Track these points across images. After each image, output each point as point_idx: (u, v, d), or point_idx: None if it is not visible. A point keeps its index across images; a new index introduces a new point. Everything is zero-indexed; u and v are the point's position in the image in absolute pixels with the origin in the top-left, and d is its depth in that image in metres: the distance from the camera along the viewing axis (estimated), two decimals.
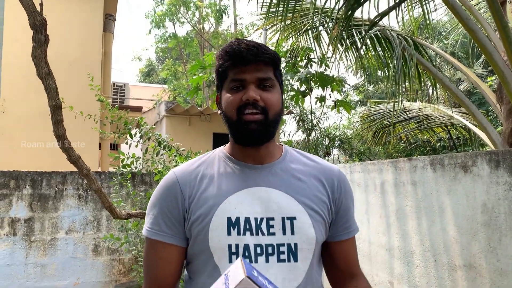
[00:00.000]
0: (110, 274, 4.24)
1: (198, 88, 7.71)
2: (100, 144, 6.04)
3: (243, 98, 1.01)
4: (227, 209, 1.00)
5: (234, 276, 0.73)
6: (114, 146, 8.99)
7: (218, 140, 6.60)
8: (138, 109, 8.78)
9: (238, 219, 0.99)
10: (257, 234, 0.98)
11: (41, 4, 2.07)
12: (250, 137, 1.03)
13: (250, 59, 1.02)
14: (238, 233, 0.98)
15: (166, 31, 13.94)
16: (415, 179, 2.73)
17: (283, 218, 1.01)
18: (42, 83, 2.14)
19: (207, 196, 1.03)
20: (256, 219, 1.00)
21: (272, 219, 1.00)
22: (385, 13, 4.00)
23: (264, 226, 1.00)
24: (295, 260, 0.99)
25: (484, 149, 7.87)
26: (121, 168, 3.46)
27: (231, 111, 1.03)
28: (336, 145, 9.37)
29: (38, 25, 2.05)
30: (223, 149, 1.15)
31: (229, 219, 0.99)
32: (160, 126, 6.32)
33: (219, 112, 1.12)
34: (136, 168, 3.49)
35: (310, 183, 1.08)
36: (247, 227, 0.99)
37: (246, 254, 0.96)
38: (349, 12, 3.95)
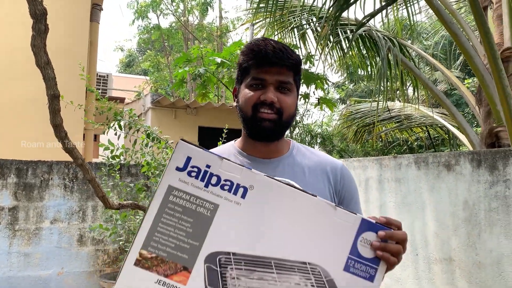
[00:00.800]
0: (95, 264, 4.25)
1: (183, 81, 7.72)
2: (84, 134, 6.00)
3: (261, 97, 1.08)
4: None
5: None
6: (94, 137, 8.92)
7: (203, 134, 6.64)
8: (121, 100, 8.72)
9: None
10: None
11: None
12: (263, 133, 1.10)
13: (275, 62, 1.07)
14: None
15: (150, 23, 13.83)
16: (399, 176, 2.85)
17: None
18: (40, 72, 2.15)
19: None
20: None
21: None
22: (373, 14, 4.11)
23: None
24: None
25: (461, 149, 8.12)
26: (110, 159, 3.48)
27: (247, 107, 1.10)
28: (318, 141, 9.53)
29: (39, 14, 2.06)
30: (234, 144, 1.22)
31: None
32: (145, 117, 6.32)
33: (234, 104, 1.18)
34: (125, 159, 3.50)
35: (315, 176, 1.15)
36: None
37: None
38: (338, 13, 4.04)
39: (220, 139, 3.56)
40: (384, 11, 4.57)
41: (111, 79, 9.51)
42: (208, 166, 0.82)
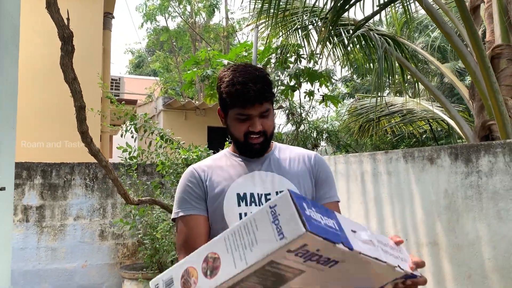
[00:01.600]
0: (115, 257, 4.60)
1: (192, 83, 8.04)
2: (100, 136, 6.36)
3: (250, 128, 1.35)
4: (236, 187, 1.37)
5: (286, 218, 0.74)
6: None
7: (212, 133, 6.97)
8: (133, 102, 9.07)
9: (245, 194, 1.36)
10: (260, 205, 1.35)
11: (68, 19, 2.40)
12: (255, 154, 1.41)
13: (256, 101, 1.31)
14: (246, 204, 1.34)
15: (158, 25, 14.19)
16: (390, 170, 3.14)
17: (276, 192, 1.37)
18: (68, 87, 2.48)
19: (220, 180, 1.40)
20: (258, 194, 1.36)
21: (269, 194, 1.37)
22: (368, 18, 4.37)
23: (263, 200, 1.36)
24: None
25: (462, 141, 8.34)
26: (128, 160, 3.81)
27: (239, 136, 1.38)
28: (324, 137, 9.80)
29: (66, 37, 2.38)
30: (228, 150, 1.52)
31: (238, 194, 1.35)
32: (157, 119, 6.66)
33: (223, 125, 1.45)
34: (141, 160, 3.84)
35: (296, 164, 1.46)
36: (252, 200, 1.35)
37: None
38: (335, 18, 4.31)
39: (227, 139, 3.87)
40: (383, 12, 4.83)
41: (123, 82, 9.87)
42: (317, 250, 0.77)
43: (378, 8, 4.43)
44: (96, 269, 4.52)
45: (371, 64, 6.36)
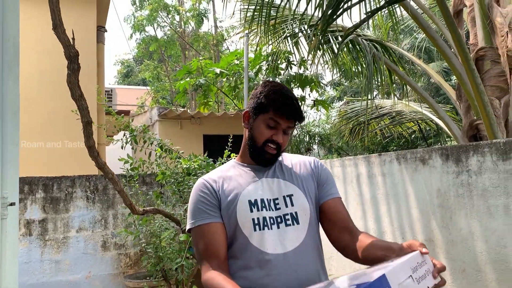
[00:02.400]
0: (118, 267, 4.68)
1: (185, 92, 8.15)
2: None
3: (273, 137, 1.47)
4: (246, 195, 1.47)
5: None
6: None
7: (208, 141, 7.08)
8: (126, 112, 9.15)
9: (256, 200, 1.46)
10: (270, 210, 1.46)
11: (73, 38, 2.51)
12: (265, 162, 1.52)
13: (292, 116, 1.46)
14: (258, 210, 1.45)
15: (147, 35, 14.27)
16: (384, 171, 3.28)
17: (284, 197, 1.49)
18: (75, 104, 2.58)
19: (231, 189, 1.51)
20: (268, 199, 1.47)
21: (277, 199, 1.48)
22: (357, 25, 4.52)
23: (272, 205, 1.47)
24: (297, 223, 1.46)
25: (451, 140, 8.54)
26: (130, 171, 3.90)
27: (260, 140, 1.49)
28: (316, 141, 9.95)
29: (72, 56, 2.49)
30: (235, 160, 1.63)
31: (249, 201, 1.46)
32: (153, 129, 6.76)
33: (244, 125, 1.56)
34: (143, 170, 3.93)
35: (300, 168, 1.58)
36: (263, 205, 1.46)
37: (265, 223, 1.43)
38: (325, 26, 4.46)
39: (226, 147, 3.98)
40: (370, 18, 4.98)
41: (115, 93, 9.95)
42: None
43: (366, 16, 4.59)
44: (99, 279, 4.59)
45: (359, 67, 6.53)
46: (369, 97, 5.52)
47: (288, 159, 1.63)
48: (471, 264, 2.59)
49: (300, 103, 1.57)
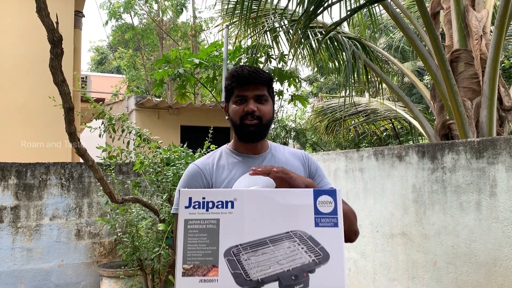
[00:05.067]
0: (92, 256, 4.63)
1: (162, 81, 8.08)
2: None
3: (244, 109, 1.49)
4: (239, 186, 1.50)
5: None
6: None
7: (185, 132, 7.05)
8: (101, 100, 8.99)
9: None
10: None
11: (57, 22, 2.46)
12: (249, 136, 1.53)
13: (251, 81, 1.48)
14: None
15: (124, 23, 14.01)
16: (362, 166, 3.36)
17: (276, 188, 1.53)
18: (57, 89, 2.53)
19: (223, 179, 1.53)
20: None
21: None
22: (338, 23, 4.59)
23: None
24: None
25: (423, 139, 8.79)
26: (107, 160, 3.86)
27: (235, 118, 1.51)
28: (292, 135, 10.04)
29: (56, 41, 2.44)
30: (228, 146, 1.64)
31: None
32: (129, 118, 6.66)
33: (226, 117, 1.60)
34: (121, 159, 3.90)
35: (291, 161, 1.62)
36: None
37: None
38: (307, 22, 4.51)
39: (207, 138, 3.98)
40: (351, 16, 5.06)
41: (90, 80, 9.75)
42: (203, 198, 1.24)
43: (347, 13, 4.66)
44: (73, 268, 4.53)
45: (336, 64, 6.62)
46: (347, 94, 5.62)
47: (280, 151, 1.65)
48: (443, 257, 2.70)
49: (273, 81, 1.59)
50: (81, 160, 3.31)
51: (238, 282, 1.17)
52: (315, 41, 6.33)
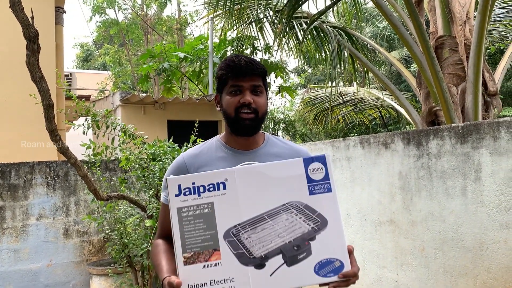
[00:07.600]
0: (81, 254, 4.58)
1: (148, 77, 8.00)
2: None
3: (241, 100, 1.39)
4: None
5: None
6: None
7: (172, 127, 6.99)
8: (86, 97, 8.88)
9: None
10: None
11: (32, 18, 2.40)
12: (245, 130, 1.44)
13: (248, 72, 1.40)
14: None
15: (108, 18, 13.83)
16: (348, 155, 3.35)
17: None
18: (36, 86, 2.48)
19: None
20: None
21: None
22: (321, 12, 4.57)
23: None
24: None
25: (410, 127, 8.83)
26: (92, 157, 3.81)
27: (230, 110, 1.41)
28: (281, 127, 10.03)
29: (32, 36, 2.39)
30: (219, 138, 1.55)
31: None
32: (115, 114, 6.60)
33: (218, 109, 1.51)
34: (106, 156, 3.84)
35: (283, 157, 1.48)
36: None
37: None
38: (291, 12, 4.47)
39: (192, 132, 3.94)
40: (335, 6, 5.05)
41: (75, 77, 9.63)
42: (193, 183, 1.22)
43: (331, 2, 4.64)
44: (61, 267, 4.48)
45: (323, 54, 6.59)
46: (333, 84, 5.60)
47: (278, 146, 1.55)
48: (430, 243, 2.71)
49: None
50: None
51: (242, 261, 1.17)
52: (301, 31, 6.29)
